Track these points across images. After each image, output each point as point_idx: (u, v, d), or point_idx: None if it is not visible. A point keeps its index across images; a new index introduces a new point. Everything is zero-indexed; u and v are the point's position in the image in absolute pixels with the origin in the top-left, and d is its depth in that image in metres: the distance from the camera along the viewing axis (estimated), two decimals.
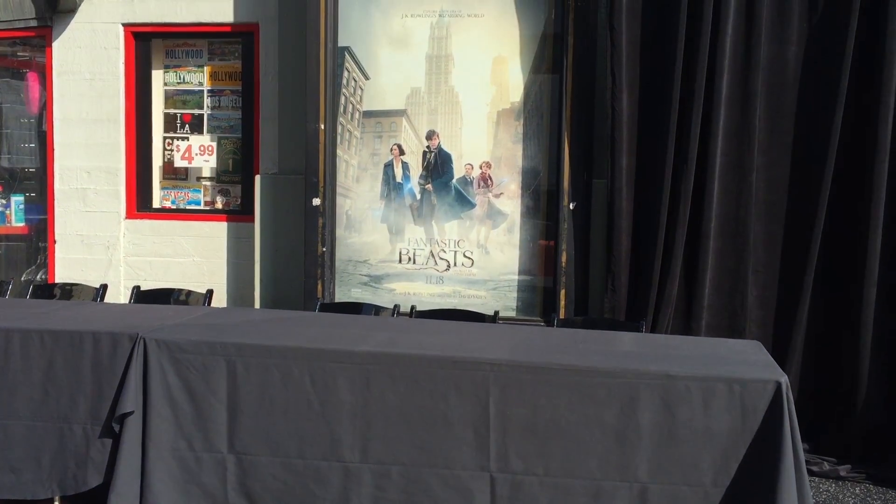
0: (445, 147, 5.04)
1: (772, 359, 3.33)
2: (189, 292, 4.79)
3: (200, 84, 5.95)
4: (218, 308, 4.43)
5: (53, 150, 5.92)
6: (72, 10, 5.78)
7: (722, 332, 4.52)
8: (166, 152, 6.01)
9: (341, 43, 5.06)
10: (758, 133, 4.48)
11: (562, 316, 4.72)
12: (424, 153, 5.07)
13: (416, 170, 5.09)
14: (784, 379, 2.96)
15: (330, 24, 4.97)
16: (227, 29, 5.73)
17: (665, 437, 2.99)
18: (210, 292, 4.70)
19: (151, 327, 3.40)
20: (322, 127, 4.99)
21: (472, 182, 5.03)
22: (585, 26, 4.72)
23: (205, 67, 5.93)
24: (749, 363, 3.21)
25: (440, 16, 5.00)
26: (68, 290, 4.89)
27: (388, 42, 5.08)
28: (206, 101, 5.94)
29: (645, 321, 4.42)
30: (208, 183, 6.00)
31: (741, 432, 2.95)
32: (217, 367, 3.25)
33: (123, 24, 5.78)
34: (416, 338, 3.47)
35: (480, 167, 5.01)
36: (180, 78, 5.96)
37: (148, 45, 5.91)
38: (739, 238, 4.53)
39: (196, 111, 5.96)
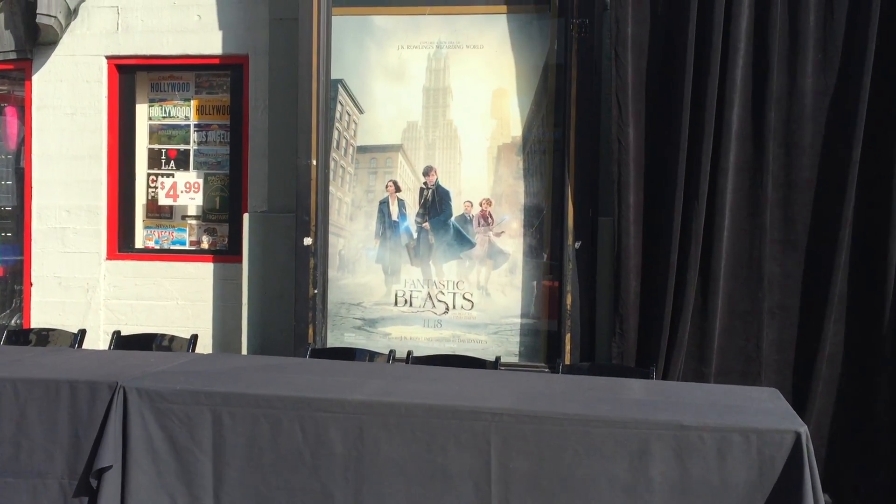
0: (443, 183, 5.07)
1: (790, 407, 3.32)
2: (172, 337, 4.78)
3: (187, 118, 5.99)
4: (203, 354, 4.41)
5: (31, 187, 5.95)
6: (53, 43, 5.85)
7: (737, 377, 4.50)
8: (150, 190, 6.03)
9: (334, 75, 5.10)
10: (772, 168, 4.50)
11: (567, 361, 4.70)
12: (421, 190, 5.09)
13: (413, 207, 5.10)
14: (804, 429, 2.95)
15: (322, 56, 5.01)
16: (216, 61, 5.79)
17: (678, 492, 2.97)
18: (195, 337, 4.70)
19: (132, 375, 3.39)
20: (314, 163, 5.01)
21: (471, 220, 5.04)
22: (589, 57, 4.76)
23: (191, 101, 5.98)
24: (766, 412, 3.19)
25: (438, 47, 5.05)
26: (44, 336, 4.87)
27: (383, 74, 5.12)
28: (193, 135, 5.98)
29: (655, 367, 4.40)
30: (194, 222, 6.02)
31: (759, 486, 2.93)
32: (202, 417, 3.24)
33: (107, 57, 5.86)
34: (412, 386, 3.46)
35: (480, 204, 5.03)
36: (166, 112, 6.01)
37: (132, 78, 5.97)
38: (753, 278, 4.53)
39: (182, 146, 6.00)
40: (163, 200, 5.98)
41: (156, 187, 6.00)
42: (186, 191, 5.95)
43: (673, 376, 4.53)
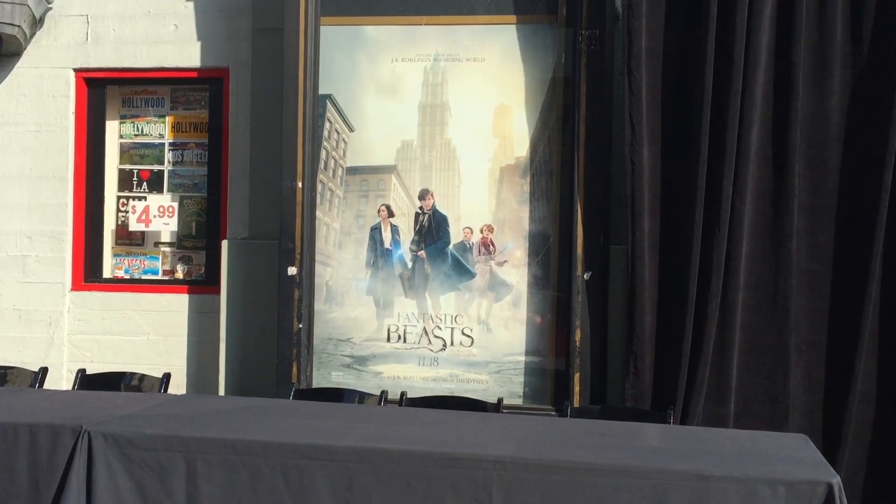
0: (441, 208, 5.08)
1: (821, 455, 3.30)
2: (143, 376, 4.76)
3: (161, 136, 6.01)
4: (176, 395, 4.41)
5: None
6: (16, 54, 5.87)
7: (762, 421, 4.50)
8: (120, 214, 6.03)
9: (323, 90, 5.12)
10: (797, 193, 4.53)
11: (576, 404, 4.68)
12: (417, 215, 5.10)
13: (408, 234, 5.11)
14: (836, 479, 2.93)
15: (310, 70, 5.03)
16: (193, 74, 5.81)
17: None
18: (167, 376, 4.68)
19: (98, 418, 3.36)
20: (300, 185, 5.01)
21: (471, 248, 5.05)
22: (600, 71, 4.79)
23: (166, 117, 6.00)
24: (795, 460, 3.18)
25: (435, 60, 5.08)
26: (2, 375, 4.84)
27: (375, 89, 5.14)
28: (168, 155, 5.99)
29: (673, 410, 4.39)
30: (168, 249, 6.01)
31: None
32: (174, 465, 3.21)
33: (75, 70, 5.88)
34: (406, 430, 3.44)
35: (481, 231, 5.03)
36: (138, 129, 6.02)
37: (102, 92, 5.98)
38: (779, 312, 4.54)
39: (155, 167, 6.01)
40: (134, 226, 5.97)
41: (126, 211, 5.99)
42: (160, 215, 5.94)
43: (692, 420, 4.52)
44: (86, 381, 4.74)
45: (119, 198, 6.05)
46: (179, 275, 5.97)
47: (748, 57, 4.49)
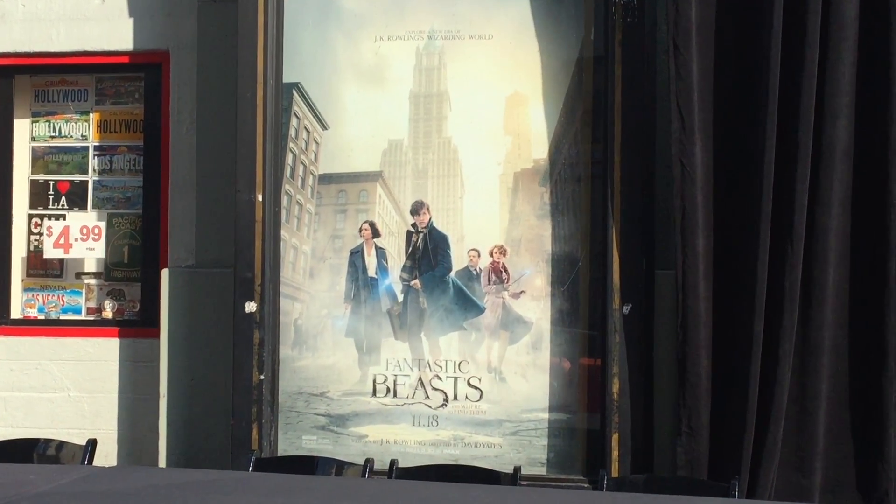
0: (440, 226, 5.07)
1: None
2: (61, 444, 4.70)
3: (84, 138, 6.03)
4: (104, 468, 4.34)
5: None
6: None
7: (858, 495, 4.48)
8: (32, 237, 6.03)
9: (288, 78, 5.13)
10: None
11: (614, 473, 4.66)
12: (409, 235, 5.09)
13: (398, 259, 5.09)
14: None
15: (271, 52, 5.03)
16: (124, 60, 5.81)
17: None
18: (92, 444, 4.60)
19: (1, 499, 3.30)
20: (259, 198, 5.00)
21: (478, 276, 5.03)
22: (639, 50, 4.78)
23: (91, 114, 6.01)
24: None
25: (430, 38, 5.09)
26: None
27: (355, 76, 5.15)
28: (93, 162, 6.00)
29: (738, 480, 4.26)
30: (93, 281, 6.01)
31: None
32: None
33: None
34: None
35: (491, 254, 5.02)
36: (55, 130, 6.03)
37: (9, 83, 6.00)
38: (874, 354, 4.51)
39: (77, 177, 6.01)
40: (50, 252, 5.95)
41: (40, 234, 5.98)
42: (83, 238, 5.92)
43: (763, 493, 4.49)
44: None
45: (31, 216, 6.05)
46: (108, 314, 5.95)
47: (829, 27, 4.47)
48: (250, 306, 5.00)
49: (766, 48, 4.50)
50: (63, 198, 6.00)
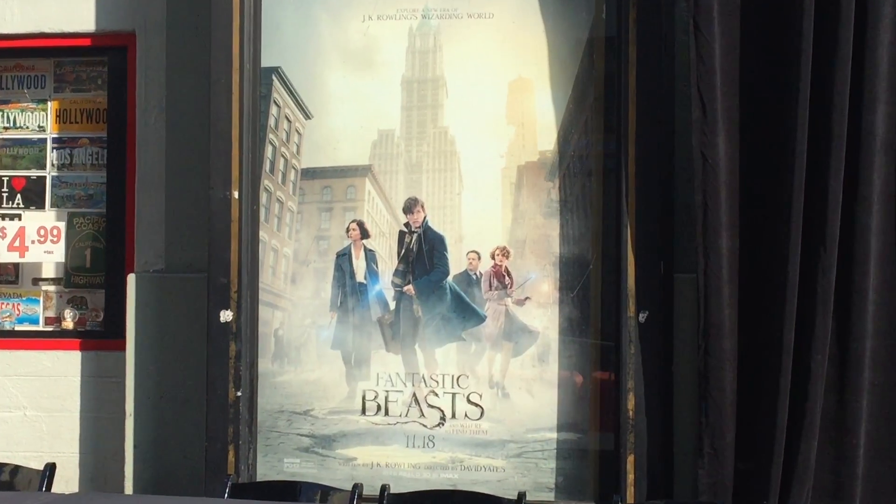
0: (436, 225, 5.07)
1: None
2: (16, 469, 4.69)
3: (42, 129, 6.02)
4: (64, 495, 4.36)
5: None
6: None
7: None
8: None
9: (268, 62, 5.13)
10: None
11: (630, 499, 4.67)
12: (402, 235, 5.09)
13: (389, 262, 5.09)
14: None
15: (249, 33, 5.03)
16: (86, 42, 5.81)
17: None
18: (51, 468, 4.59)
19: None
20: (235, 195, 4.99)
21: (479, 281, 5.03)
22: (656, 29, 4.78)
23: (49, 103, 6.00)
24: None
25: (424, 17, 5.10)
26: None
27: (341, 60, 5.14)
28: (51, 155, 5.98)
29: None
30: (52, 288, 6.00)
31: None
32: None
33: None
34: None
35: (493, 257, 5.02)
36: (9, 120, 6.02)
37: None
38: None
39: (34, 172, 6.00)
40: (4, 256, 5.92)
41: None
42: (40, 240, 5.89)
43: None
44: None
45: None
46: (68, 324, 5.93)
47: (865, 5, 4.45)
48: (226, 315, 4.98)
49: (796, 27, 4.48)
50: (18, 195, 5.99)
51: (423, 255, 5.06)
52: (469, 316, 5.02)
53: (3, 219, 5.97)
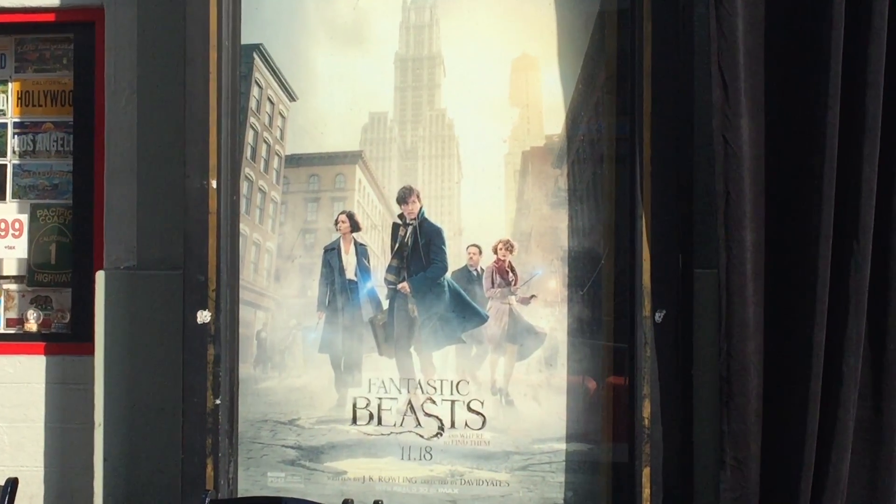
0: (433, 217, 5.07)
1: None
2: None
3: (2, 113, 6.04)
4: None
5: None
6: None
7: None
8: None
9: (247, 39, 5.13)
10: None
11: None
12: (396, 228, 5.10)
13: (382, 258, 5.11)
14: None
15: (227, 8, 5.03)
16: (50, 18, 5.82)
17: None
18: (13, 483, 4.59)
19: None
20: (214, 185, 4.99)
21: (480, 277, 5.04)
22: (673, 2, 4.77)
23: (9, 84, 6.04)
24: None
25: None
26: None
27: (328, 36, 5.15)
28: (13, 142, 6.01)
29: None
30: (13, 287, 6.03)
31: None
32: None
33: None
34: None
35: (495, 251, 5.03)
36: None
37: None
38: None
39: None
40: None
41: None
42: (1, 235, 5.95)
43: None
44: None
45: None
46: (32, 326, 5.96)
47: None
48: (203, 316, 4.99)
49: None
50: None
51: (418, 249, 5.07)
52: (469, 316, 5.03)
53: None
